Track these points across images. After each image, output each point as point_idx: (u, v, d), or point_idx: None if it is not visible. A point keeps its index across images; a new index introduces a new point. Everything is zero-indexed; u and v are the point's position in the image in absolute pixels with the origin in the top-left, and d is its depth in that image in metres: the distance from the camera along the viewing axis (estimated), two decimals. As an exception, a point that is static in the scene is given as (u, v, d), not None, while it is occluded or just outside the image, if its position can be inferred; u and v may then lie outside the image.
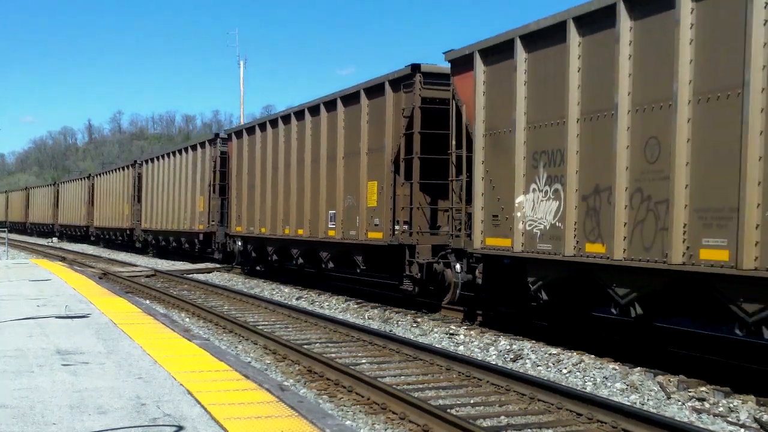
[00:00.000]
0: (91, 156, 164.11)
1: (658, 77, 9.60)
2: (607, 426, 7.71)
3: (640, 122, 9.90)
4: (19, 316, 11.94)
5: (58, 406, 6.45)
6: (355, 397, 8.97)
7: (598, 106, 10.60)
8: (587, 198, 10.82)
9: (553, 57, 11.45)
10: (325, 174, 19.09)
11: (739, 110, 8.48)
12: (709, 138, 8.92)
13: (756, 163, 8.32)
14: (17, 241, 53.70)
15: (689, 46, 9.15)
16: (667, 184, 9.35)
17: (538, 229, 11.79)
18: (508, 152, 12.40)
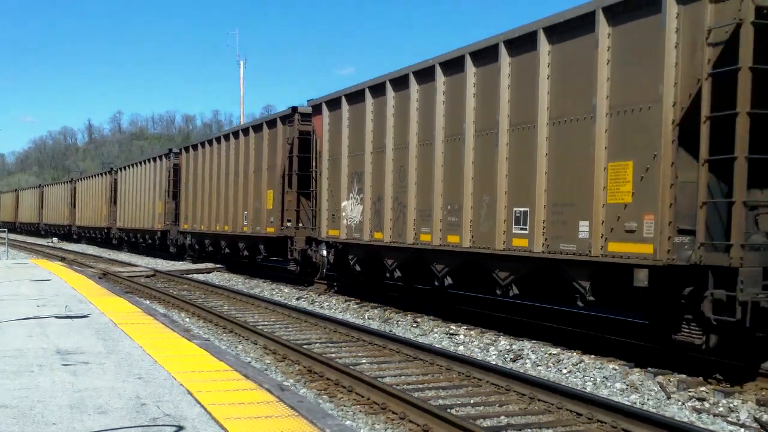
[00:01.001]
0: (91, 156, 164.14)
1: (426, 128, 14.79)
2: (607, 426, 7.71)
3: (396, 156, 15.83)
4: (19, 316, 11.94)
5: (58, 406, 6.45)
6: (355, 397, 8.97)
7: (379, 145, 16.48)
8: (375, 203, 16.65)
9: (360, 111, 17.26)
10: (242, 184, 25.11)
11: (495, 142, 12.77)
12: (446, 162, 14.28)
13: (504, 179, 12.52)
14: (12, 240, 53.80)
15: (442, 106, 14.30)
16: (406, 194, 15.30)
17: (353, 224, 17.56)
18: (339, 171, 18.14)
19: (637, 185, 9.91)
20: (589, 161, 10.61)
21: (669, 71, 9.49)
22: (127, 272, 26.42)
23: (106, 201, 43.86)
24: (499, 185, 12.51)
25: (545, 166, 11.57)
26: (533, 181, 11.71)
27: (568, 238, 11.00)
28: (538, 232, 11.64)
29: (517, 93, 12.25)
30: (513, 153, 12.33)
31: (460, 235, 13.53)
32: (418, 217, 14.89)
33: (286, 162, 21.83)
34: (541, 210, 11.61)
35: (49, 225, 62.02)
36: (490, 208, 12.77)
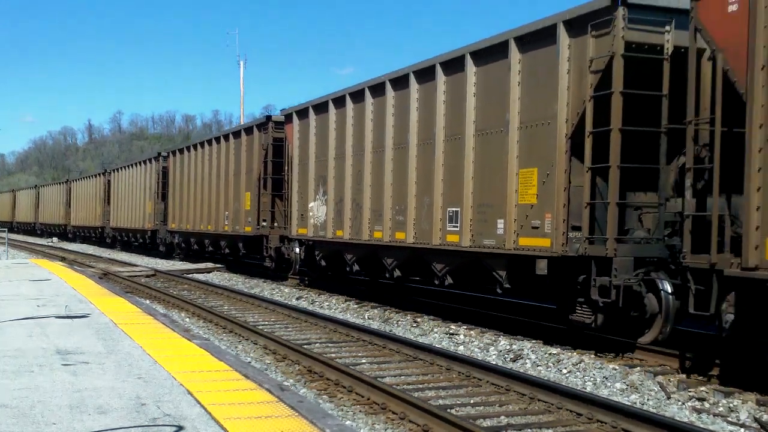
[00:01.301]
0: (91, 156, 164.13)
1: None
2: (607, 426, 7.71)
3: (354, 162, 17.76)
4: (19, 316, 11.94)
5: (58, 406, 6.44)
6: (355, 397, 8.97)
7: (341, 152, 18.40)
8: (337, 204, 18.48)
9: (325, 121, 19.25)
10: (223, 186, 27.02)
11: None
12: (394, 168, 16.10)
13: (439, 182, 14.34)
14: (10, 239, 54.12)
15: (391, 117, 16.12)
16: (362, 196, 17.16)
17: (319, 223, 19.55)
18: (307, 175, 20.20)
19: (540, 189, 11.77)
20: (504, 168, 12.49)
21: (562, 93, 11.37)
22: (127, 272, 26.42)
23: (99, 201, 45.70)
24: (436, 188, 14.40)
25: (472, 172, 13.43)
26: (462, 184, 13.58)
27: (489, 234, 12.89)
28: (466, 229, 13.47)
29: (450, 108, 14.12)
30: (447, 160, 14.19)
31: (405, 232, 15.47)
32: (372, 217, 16.92)
33: (261, 166, 23.87)
34: (468, 210, 13.48)
35: (44, 224, 63.67)
36: (430, 208, 14.62)
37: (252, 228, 24.02)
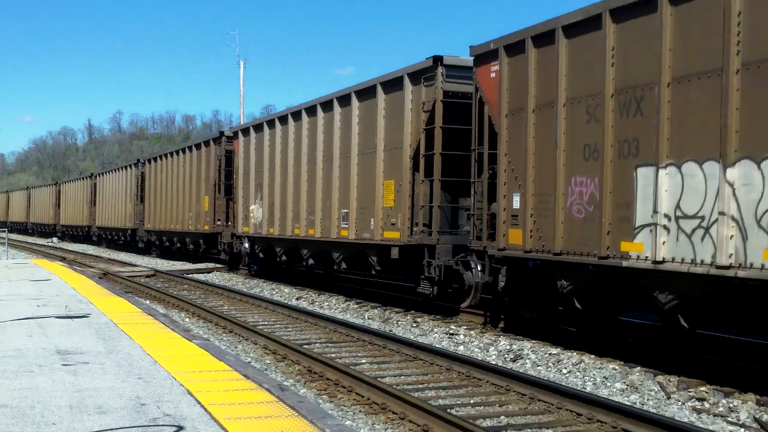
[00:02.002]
0: (91, 156, 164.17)
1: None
2: (607, 426, 7.71)
3: (281, 173, 22.00)
4: (19, 316, 11.94)
5: (58, 406, 6.45)
6: (355, 397, 8.97)
7: (272, 165, 22.57)
8: (270, 206, 22.69)
9: (261, 138, 23.46)
10: (187, 190, 30.78)
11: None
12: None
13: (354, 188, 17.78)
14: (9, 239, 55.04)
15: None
16: (287, 200, 21.45)
17: (257, 222, 23.71)
18: (249, 183, 24.32)
19: (396, 195, 16.11)
20: (375, 180, 16.84)
21: (407, 126, 15.78)
22: (127, 272, 26.42)
23: (87, 203, 49.48)
24: (334, 195, 18.81)
25: (356, 183, 17.74)
26: (350, 192, 17.93)
27: (366, 230, 17.18)
28: (353, 225, 17.82)
29: (342, 133, 18.54)
30: (341, 173, 18.54)
31: (314, 229, 19.79)
32: (293, 217, 21.20)
33: (216, 174, 27.95)
34: (353, 211, 17.82)
35: (35, 224, 66.71)
36: (330, 210, 19.01)
37: (210, 226, 28.28)
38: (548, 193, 11.67)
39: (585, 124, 10.93)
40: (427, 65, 15.05)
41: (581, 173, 11.00)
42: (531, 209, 12.05)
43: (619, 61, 10.31)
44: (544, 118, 11.82)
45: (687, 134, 9.29)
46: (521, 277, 12.91)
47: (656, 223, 9.65)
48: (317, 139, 19.60)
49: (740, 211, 8.58)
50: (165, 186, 34.20)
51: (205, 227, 28.55)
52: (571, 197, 11.21)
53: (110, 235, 44.74)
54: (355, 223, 17.58)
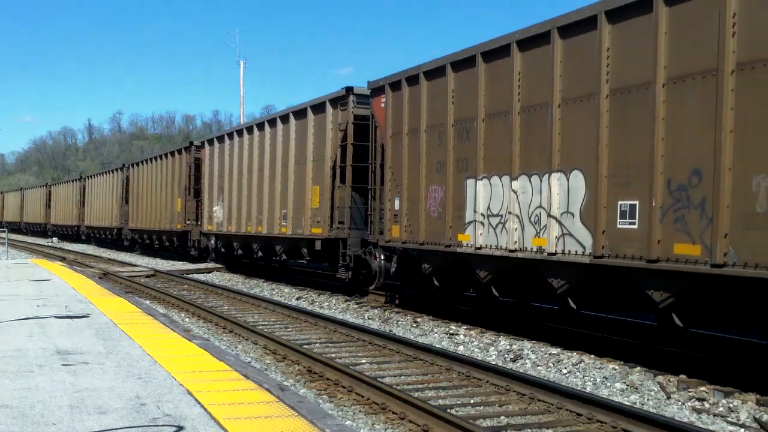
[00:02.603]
0: (91, 156, 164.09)
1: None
2: (607, 426, 7.71)
3: (238, 179, 25.70)
4: (19, 316, 11.94)
5: (58, 406, 6.45)
6: (355, 397, 8.97)
7: (230, 171, 26.48)
8: (229, 207, 26.37)
9: (222, 149, 27.57)
10: (164, 194, 33.96)
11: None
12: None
13: (310, 192, 20.80)
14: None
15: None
16: (242, 203, 25.03)
17: (219, 221, 27.43)
18: (213, 186, 28.23)
19: (320, 198, 19.82)
20: (306, 185, 20.71)
21: (329, 143, 19.62)
22: (127, 272, 26.42)
23: (76, 204, 52.57)
24: (276, 198, 22.56)
25: (292, 188, 21.58)
26: (288, 195, 21.79)
27: (300, 226, 21.05)
28: (289, 223, 21.60)
29: (283, 146, 22.34)
30: (281, 180, 22.30)
31: (263, 226, 23.51)
32: (246, 216, 24.85)
33: (187, 179, 31.24)
34: (290, 211, 21.62)
35: (28, 223, 69.52)
36: (274, 210, 22.71)
37: (182, 225, 31.58)
38: (416, 197, 15.32)
39: (437, 146, 14.65)
40: (341, 94, 19.25)
41: (435, 183, 14.75)
42: (405, 210, 15.75)
43: (456, 101, 14.09)
44: (413, 140, 15.54)
45: (493, 156, 13.05)
46: (405, 263, 16.46)
47: (476, 220, 13.42)
48: (265, 150, 23.57)
49: (520, 211, 12.36)
50: (145, 188, 37.31)
51: (177, 226, 31.89)
52: (429, 201, 14.89)
53: (98, 234, 48.05)
54: (291, 221, 21.54)
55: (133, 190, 39.25)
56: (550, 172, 11.67)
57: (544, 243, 11.75)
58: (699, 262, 9.14)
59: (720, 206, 8.89)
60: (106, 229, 45.18)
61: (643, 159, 10.00)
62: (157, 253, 37.44)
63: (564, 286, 11.57)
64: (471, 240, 13.49)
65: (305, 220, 20.55)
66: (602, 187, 10.65)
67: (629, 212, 10.28)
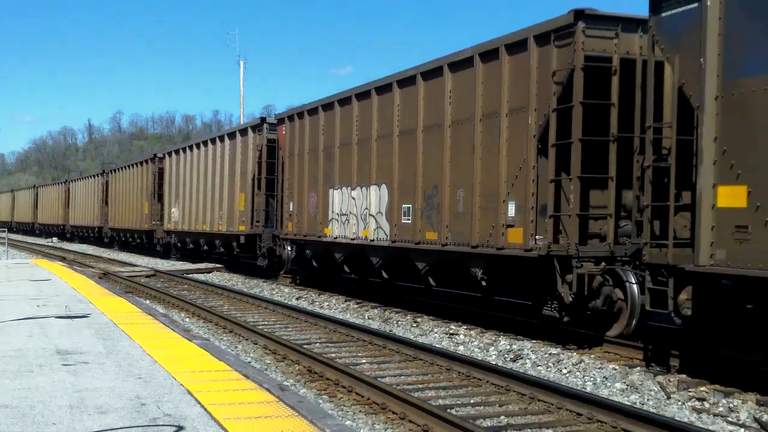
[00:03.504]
0: (91, 156, 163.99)
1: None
2: (607, 426, 7.71)
3: (190, 186, 31.27)
4: (19, 316, 11.94)
5: (58, 406, 6.45)
6: (355, 397, 8.97)
7: (185, 180, 31.72)
8: (183, 209, 31.57)
9: (179, 160, 32.98)
10: (135, 197, 38.58)
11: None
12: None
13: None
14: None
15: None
16: (192, 205, 31.05)
17: (177, 220, 32.51)
18: (172, 191, 33.19)
19: (245, 203, 25.08)
20: (236, 193, 25.80)
21: (250, 159, 24.77)
22: (127, 272, 26.43)
23: (61, 204, 56.98)
24: (216, 202, 27.81)
25: (227, 193, 26.83)
26: (224, 200, 27.05)
27: (232, 225, 26.13)
28: (225, 222, 26.85)
29: (221, 162, 27.61)
30: (219, 188, 27.69)
31: (207, 224, 28.72)
32: (195, 217, 30.13)
33: (152, 185, 35.92)
34: (225, 212, 26.73)
35: (18, 223, 73.37)
36: (215, 211, 28.01)
37: (148, 225, 36.09)
38: (302, 201, 20.93)
39: (314, 165, 20.16)
40: (258, 122, 24.85)
41: (312, 191, 20.27)
42: (296, 211, 21.24)
43: (324, 132, 19.56)
44: (300, 160, 21.04)
45: (344, 173, 18.51)
46: (298, 251, 21.69)
47: (333, 218, 19.00)
48: (209, 163, 29.10)
49: (357, 211, 17.80)
50: (121, 192, 41.85)
51: (145, 225, 36.76)
52: (310, 204, 20.40)
53: (81, 233, 52.10)
54: (226, 220, 26.85)
55: (112, 193, 44.04)
56: (370, 185, 17.22)
57: (368, 233, 17.28)
58: (437, 243, 14.61)
59: (443, 208, 14.38)
60: (88, 228, 49.54)
61: (411, 176, 15.54)
62: (131, 249, 41.56)
63: (379, 261, 17.11)
64: (331, 232, 19.16)
65: (235, 219, 26.00)
66: (395, 195, 16.20)
67: (406, 212, 15.81)
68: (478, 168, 13.43)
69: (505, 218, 12.71)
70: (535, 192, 12.16)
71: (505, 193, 12.74)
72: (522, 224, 12.37)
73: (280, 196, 22.71)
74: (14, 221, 74.63)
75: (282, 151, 22.36)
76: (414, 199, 15.30)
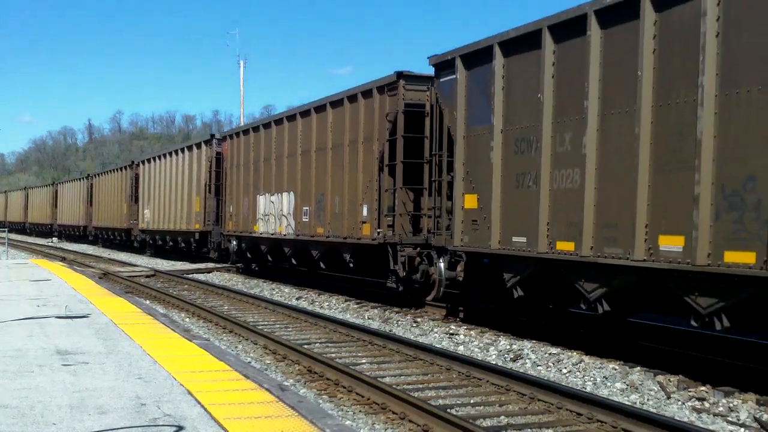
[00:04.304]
0: (91, 156, 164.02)
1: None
2: (607, 426, 7.71)
3: (156, 191, 35.85)
4: (19, 316, 11.94)
5: (58, 406, 6.45)
6: (355, 397, 8.97)
7: (155, 184, 36.05)
8: (154, 210, 35.93)
9: (155, 166, 36.58)
10: (116, 199, 42.76)
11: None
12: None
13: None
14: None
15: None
16: (163, 207, 34.92)
17: (148, 219, 36.58)
18: (145, 195, 37.45)
19: (200, 205, 29.21)
20: (192, 197, 29.96)
21: (203, 168, 29.55)
22: (127, 272, 26.43)
23: (49, 205, 61.00)
24: (177, 204, 31.49)
25: (185, 197, 30.41)
26: (184, 203, 30.84)
27: (190, 224, 30.01)
28: (183, 221, 30.84)
29: (181, 171, 31.81)
30: (180, 192, 31.33)
31: (172, 223, 32.22)
32: (164, 216, 33.76)
33: (130, 189, 40.04)
34: (185, 213, 30.61)
35: (11, 222, 76.67)
36: (176, 212, 31.66)
37: (126, 224, 40.29)
38: (238, 204, 25.47)
39: (247, 174, 24.73)
40: (208, 138, 29.87)
41: (246, 196, 24.83)
42: (235, 212, 25.69)
43: (254, 149, 24.49)
44: (238, 171, 25.75)
45: (266, 182, 23.23)
46: (241, 244, 25.84)
47: (259, 218, 23.49)
48: (171, 172, 33.19)
49: (275, 213, 22.34)
50: (105, 195, 45.57)
51: (123, 224, 40.94)
52: (244, 207, 24.94)
53: (68, 231, 55.77)
54: (185, 220, 30.93)
55: (95, 195, 48.13)
56: (282, 192, 22.00)
57: (282, 229, 21.91)
58: (323, 235, 19.26)
59: (327, 210, 19.14)
60: (74, 227, 53.69)
61: (308, 185, 20.21)
62: (113, 246, 45.76)
63: (289, 251, 21.78)
64: (259, 229, 23.75)
65: (192, 219, 30.10)
66: (299, 200, 20.85)
67: (305, 213, 20.40)
68: (346, 181, 18.22)
69: (361, 217, 17.37)
70: (378, 198, 16.85)
71: (361, 199, 17.43)
72: (370, 221, 17.05)
73: (223, 199, 27.36)
74: (7, 221, 76.83)
75: (225, 163, 27.35)
76: (310, 203, 20.13)
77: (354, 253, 18.23)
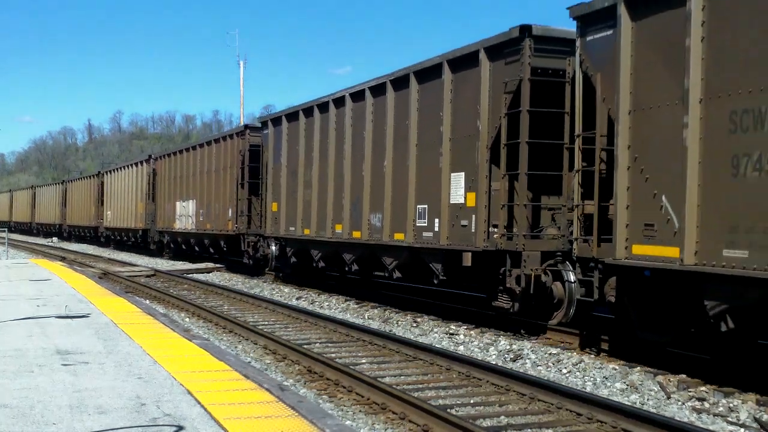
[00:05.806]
0: (91, 156, 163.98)
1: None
2: (607, 426, 7.71)
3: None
4: (19, 316, 11.94)
5: (58, 406, 6.45)
6: (355, 397, 8.97)
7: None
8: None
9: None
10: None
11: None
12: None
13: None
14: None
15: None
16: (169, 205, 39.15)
17: (119, 219, 43.54)
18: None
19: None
20: (174, 201, 33.34)
21: (142, 181, 38.09)
22: (127, 272, 26.43)
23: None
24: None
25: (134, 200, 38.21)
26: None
27: (170, 222, 34.54)
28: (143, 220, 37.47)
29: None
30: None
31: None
32: (146, 217, 37.21)
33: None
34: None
35: (17, 222, 77.72)
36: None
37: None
38: (169, 207, 33.06)
39: (176, 185, 32.61)
40: (146, 158, 36.09)
41: (170, 202, 33.22)
42: (164, 213, 33.28)
43: (180, 168, 32.43)
44: (169, 183, 33.58)
45: (182, 192, 32.36)
46: (167, 239, 33.02)
47: (177, 217, 32.21)
48: (136, 185, 37.87)
49: (186, 213, 31.28)
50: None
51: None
52: (168, 209, 32.62)
53: (46, 229, 60.59)
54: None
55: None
56: (188, 199, 28.72)
57: (190, 226, 29.00)
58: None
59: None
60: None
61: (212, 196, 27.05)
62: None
63: (209, 244, 27.46)
64: (177, 225, 31.57)
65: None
66: (202, 206, 27.52)
67: (203, 214, 26.58)
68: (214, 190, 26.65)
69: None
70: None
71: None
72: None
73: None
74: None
75: (160, 177, 32.89)
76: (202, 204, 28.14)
77: (222, 241, 27.05)
